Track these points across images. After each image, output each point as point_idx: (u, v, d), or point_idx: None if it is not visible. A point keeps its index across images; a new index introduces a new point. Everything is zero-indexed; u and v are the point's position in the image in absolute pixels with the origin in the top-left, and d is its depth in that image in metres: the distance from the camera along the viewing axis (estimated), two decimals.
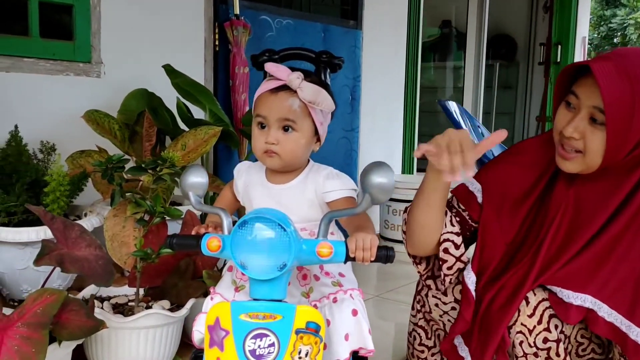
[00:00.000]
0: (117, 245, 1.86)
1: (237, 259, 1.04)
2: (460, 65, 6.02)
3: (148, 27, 2.52)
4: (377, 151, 3.86)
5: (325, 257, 1.06)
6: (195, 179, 1.18)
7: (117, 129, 2.11)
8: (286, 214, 1.08)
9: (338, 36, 3.34)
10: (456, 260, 1.33)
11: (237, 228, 1.04)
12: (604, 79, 1.05)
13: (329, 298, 1.26)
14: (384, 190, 1.04)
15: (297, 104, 1.20)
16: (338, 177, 1.27)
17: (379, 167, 1.05)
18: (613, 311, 1.11)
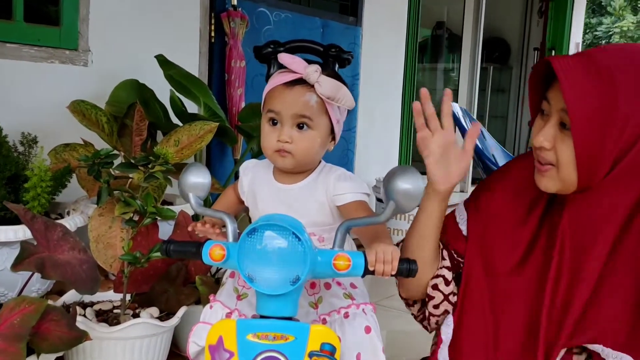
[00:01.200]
0: (102, 247, 1.73)
1: (244, 271, 0.92)
2: (450, 68, 5.97)
3: (140, 15, 2.39)
4: (373, 151, 3.76)
5: (343, 270, 0.95)
6: (196, 179, 1.06)
7: (105, 121, 1.97)
8: (300, 221, 0.96)
9: (337, 32, 3.23)
10: (444, 298, 1.14)
11: (246, 236, 0.92)
12: (566, 73, 0.89)
13: (339, 312, 1.15)
14: (410, 198, 0.94)
15: (315, 100, 1.08)
16: (351, 179, 1.16)
17: (405, 171, 0.95)
18: None
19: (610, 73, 0.87)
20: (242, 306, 1.18)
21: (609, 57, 0.90)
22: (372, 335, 1.15)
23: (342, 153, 3.35)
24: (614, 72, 0.87)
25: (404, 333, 2.52)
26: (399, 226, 3.48)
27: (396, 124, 4.04)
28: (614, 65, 0.88)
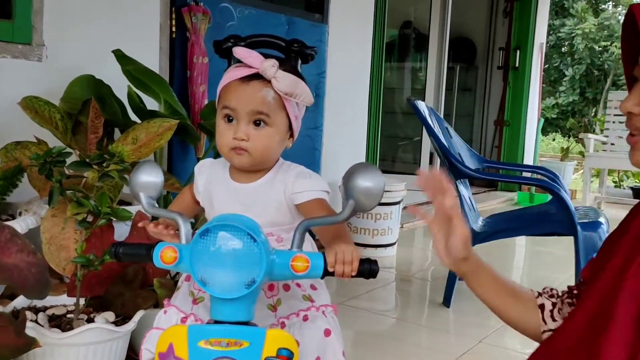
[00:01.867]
0: (55, 249, 1.66)
1: (196, 274, 0.88)
2: (418, 67, 6.00)
3: (98, 8, 2.31)
4: (340, 150, 3.73)
5: (301, 272, 0.92)
6: (147, 178, 1.02)
7: (58, 118, 1.89)
8: (256, 221, 0.93)
9: (303, 29, 3.19)
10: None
11: (198, 237, 0.88)
12: None
13: (298, 315, 1.13)
14: (371, 196, 0.91)
15: (272, 96, 1.06)
16: (310, 176, 1.14)
17: (366, 169, 0.92)
18: None
19: None
20: (198, 310, 1.14)
21: None
22: (332, 339, 1.13)
23: (308, 152, 3.32)
24: None
25: (370, 334, 2.50)
26: (366, 225, 3.47)
27: (363, 123, 4.02)
28: None
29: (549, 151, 10.06)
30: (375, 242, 3.48)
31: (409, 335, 2.46)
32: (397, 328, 2.57)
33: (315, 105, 3.34)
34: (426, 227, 4.57)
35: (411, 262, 3.65)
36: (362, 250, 3.47)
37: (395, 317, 2.73)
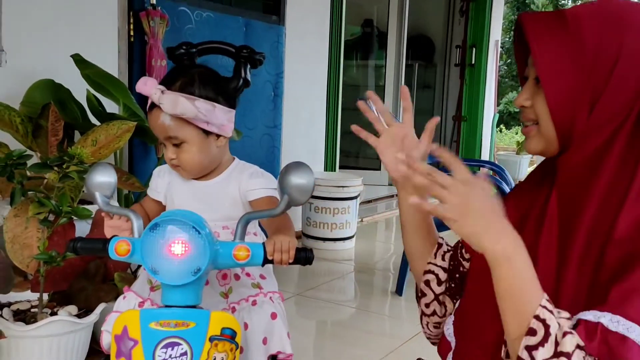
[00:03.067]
0: (18, 247, 1.73)
1: (147, 264, 0.97)
2: (381, 64, 6.13)
3: (56, 13, 2.36)
4: (299, 148, 3.84)
5: (242, 260, 1.02)
6: (102, 178, 1.10)
7: (19, 122, 1.96)
8: (201, 216, 1.03)
9: (260, 31, 3.28)
10: (434, 297, 1.10)
11: (148, 231, 0.97)
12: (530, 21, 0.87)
13: (248, 301, 1.23)
14: (303, 191, 1.01)
15: (168, 119, 1.15)
16: (262, 175, 1.25)
17: (298, 167, 1.02)
18: None
19: (575, 18, 0.85)
20: (155, 296, 1.24)
21: (577, 7, 0.88)
22: (278, 321, 1.22)
23: (268, 150, 3.42)
24: (579, 17, 0.85)
25: (328, 322, 2.63)
26: (325, 220, 3.60)
27: (322, 121, 4.13)
28: (579, 12, 0.86)
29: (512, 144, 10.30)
30: (333, 236, 3.60)
31: (363, 322, 2.59)
32: (353, 316, 2.70)
33: (273, 104, 3.44)
34: (386, 221, 4.73)
35: (370, 254, 3.79)
36: (320, 244, 3.60)
37: (353, 306, 2.86)
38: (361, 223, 4.35)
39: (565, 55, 0.83)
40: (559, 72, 0.84)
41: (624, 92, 0.82)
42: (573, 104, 0.84)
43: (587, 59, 0.83)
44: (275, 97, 3.45)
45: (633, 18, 0.83)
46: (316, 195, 3.54)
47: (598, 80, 0.83)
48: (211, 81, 1.20)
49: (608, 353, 0.74)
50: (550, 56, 0.84)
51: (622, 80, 0.82)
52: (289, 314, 1.28)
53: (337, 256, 3.53)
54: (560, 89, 0.84)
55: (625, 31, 0.82)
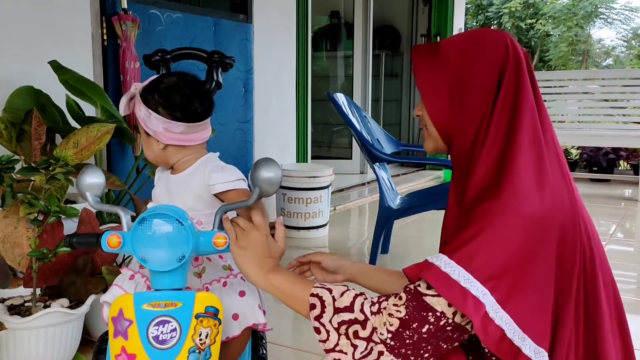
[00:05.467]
0: (9, 246, 1.84)
1: (138, 254, 1.11)
2: (350, 54, 6.25)
3: (31, 22, 2.45)
4: (271, 141, 3.97)
5: (221, 247, 1.15)
6: (92, 180, 1.23)
7: (2, 128, 2.06)
8: (183, 209, 1.15)
9: (229, 30, 3.40)
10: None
11: (137, 225, 1.11)
12: (415, 51, 1.11)
13: (219, 282, 1.35)
14: (271, 184, 1.12)
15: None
16: (223, 170, 1.33)
17: (267, 162, 1.13)
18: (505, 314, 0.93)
19: (444, 48, 1.08)
20: (144, 271, 1.36)
21: (449, 39, 1.11)
22: (247, 297, 1.34)
23: (240, 145, 3.55)
24: (448, 47, 1.08)
25: None
26: (298, 209, 3.74)
27: (292, 113, 4.26)
28: (449, 43, 1.09)
29: None
30: (307, 225, 3.76)
31: None
32: None
33: (244, 100, 3.57)
34: (359, 208, 4.89)
35: (343, 241, 3.95)
36: (295, 232, 3.75)
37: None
38: (334, 211, 4.51)
39: (436, 74, 1.07)
40: (432, 86, 1.08)
41: (480, 93, 1.04)
42: (445, 109, 1.08)
43: (451, 73, 1.06)
44: (246, 92, 3.57)
45: (484, 43, 1.06)
46: (289, 186, 3.68)
47: (460, 87, 1.05)
48: (161, 91, 1.31)
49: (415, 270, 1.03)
50: (426, 76, 1.08)
51: (477, 86, 1.04)
52: (267, 297, 1.36)
53: (312, 244, 3.69)
54: (435, 100, 1.08)
55: (478, 52, 1.06)
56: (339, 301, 1.03)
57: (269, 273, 1.11)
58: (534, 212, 0.94)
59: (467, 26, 10.43)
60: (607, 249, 3.54)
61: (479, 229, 0.94)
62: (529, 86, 1.05)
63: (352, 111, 3.12)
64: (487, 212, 0.95)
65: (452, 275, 0.93)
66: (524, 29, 16.02)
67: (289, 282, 1.10)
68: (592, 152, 6.51)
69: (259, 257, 1.12)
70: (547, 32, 15.86)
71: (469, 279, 0.93)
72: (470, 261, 0.93)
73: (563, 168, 1.05)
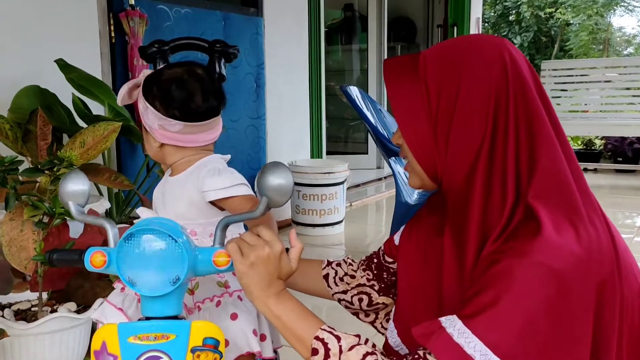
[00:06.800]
0: (15, 250, 1.79)
1: (124, 276, 0.93)
2: (365, 48, 6.17)
3: (37, 20, 2.41)
4: (285, 137, 3.91)
5: (223, 266, 0.96)
6: (75, 187, 1.06)
7: (8, 128, 2.02)
8: (177, 222, 0.99)
9: (239, 24, 3.33)
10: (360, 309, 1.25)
11: (123, 241, 0.93)
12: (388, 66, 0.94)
13: (212, 300, 1.19)
14: (281, 192, 0.95)
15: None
16: (219, 174, 1.17)
17: (275, 167, 0.95)
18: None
19: (424, 62, 0.89)
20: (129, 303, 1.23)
21: (429, 50, 0.92)
22: (240, 321, 1.17)
23: (253, 141, 3.49)
24: (427, 61, 0.89)
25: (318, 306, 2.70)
26: (313, 206, 3.67)
27: (305, 108, 4.19)
28: (428, 56, 0.90)
29: None
30: (323, 222, 3.69)
31: None
32: None
33: (256, 95, 3.51)
34: (376, 203, 4.81)
35: (360, 238, 3.88)
36: (310, 230, 3.69)
37: None
38: (350, 207, 4.44)
39: (416, 100, 0.88)
40: (412, 116, 0.89)
41: (469, 129, 0.86)
42: (428, 143, 0.89)
43: (432, 101, 0.88)
44: (257, 88, 3.51)
45: (470, 60, 0.87)
46: (304, 183, 3.61)
47: (444, 121, 0.87)
48: (161, 83, 1.18)
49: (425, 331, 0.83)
50: (403, 102, 0.89)
51: (465, 119, 0.86)
52: None
53: (328, 241, 3.62)
54: (415, 132, 0.89)
55: (461, 74, 0.86)
56: (345, 355, 0.87)
57: (271, 298, 0.94)
58: (566, 269, 0.77)
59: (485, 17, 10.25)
60: (632, 242, 3.42)
61: (498, 293, 0.78)
62: (540, 108, 0.86)
63: (366, 104, 3.04)
64: (508, 271, 0.78)
65: (467, 349, 0.78)
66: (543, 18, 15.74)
67: (293, 314, 0.94)
68: (617, 142, 6.34)
69: (267, 278, 0.94)
70: (567, 21, 15.57)
71: (487, 354, 0.77)
72: (488, 332, 0.77)
73: (594, 204, 0.87)
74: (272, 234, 0.95)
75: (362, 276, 1.22)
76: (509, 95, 0.85)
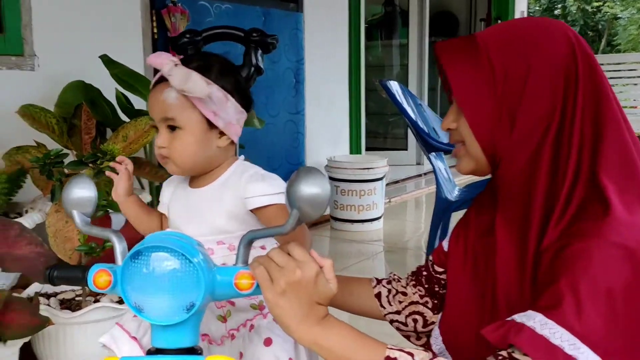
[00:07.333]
0: (60, 241, 1.85)
1: (129, 300, 0.80)
2: (405, 43, 6.10)
3: (82, 17, 2.47)
4: (323, 133, 3.90)
5: (246, 290, 0.82)
6: (80, 194, 0.92)
7: (54, 123, 2.07)
8: (193, 238, 0.85)
9: (279, 20, 3.34)
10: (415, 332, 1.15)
11: (129, 260, 0.80)
12: (442, 48, 0.90)
13: (245, 326, 1.07)
14: (315, 204, 0.79)
15: (174, 96, 0.99)
16: (263, 179, 1.05)
17: (309, 174, 0.79)
18: None
19: (484, 42, 0.88)
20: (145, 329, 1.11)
21: (487, 31, 0.91)
22: (273, 347, 1.04)
23: (292, 137, 3.49)
24: (488, 42, 0.88)
25: None
26: (352, 202, 3.65)
27: (344, 104, 4.18)
28: (488, 36, 0.89)
29: None
30: (361, 218, 3.67)
31: None
32: None
33: (295, 90, 3.51)
34: (415, 200, 4.76)
35: (399, 234, 3.84)
36: (348, 226, 3.67)
37: None
38: (389, 204, 4.40)
39: (478, 80, 0.86)
40: (474, 95, 0.87)
41: (539, 108, 0.85)
42: (492, 123, 0.87)
43: (498, 81, 0.86)
44: (296, 83, 3.51)
45: (538, 39, 0.86)
46: (342, 178, 3.60)
47: (512, 100, 0.85)
48: (231, 73, 1.06)
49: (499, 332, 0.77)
50: (464, 82, 0.87)
51: (534, 98, 0.84)
52: None
53: (366, 237, 3.60)
54: (478, 111, 0.87)
55: (531, 53, 0.85)
56: None
57: (315, 328, 0.80)
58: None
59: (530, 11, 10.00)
60: None
61: (575, 278, 0.74)
62: (607, 88, 0.84)
63: (406, 99, 3.00)
64: (582, 255, 0.75)
65: (553, 340, 0.73)
66: (590, 12, 15.29)
67: (348, 341, 0.80)
68: None
69: (304, 305, 0.80)
70: (615, 15, 15.08)
71: (575, 343, 0.72)
72: (572, 320, 0.73)
73: None
74: (305, 253, 0.81)
75: (413, 293, 1.14)
76: (578, 73, 0.84)
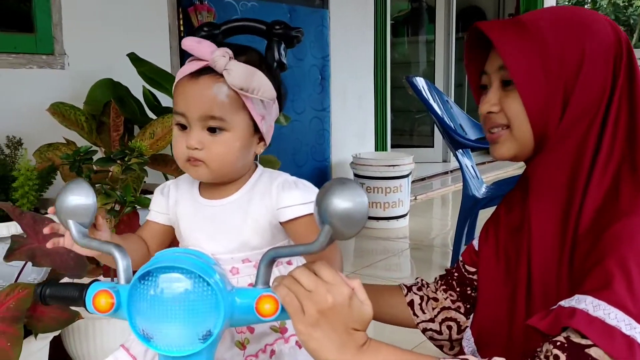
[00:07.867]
0: None
1: (136, 327, 0.71)
2: (431, 39, 6.05)
3: (111, 16, 2.50)
4: (349, 130, 3.89)
5: (268, 316, 0.72)
6: (77, 201, 0.79)
7: (83, 120, 2.10)
8: (209, 256, 0.77)
9: (304, 17, 3.34)
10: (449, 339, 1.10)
11: (137, 281, 0.71)
12: (494, 27, 0.88)
13: (265, 351, 0.96)
14: (352, 221, 0.68)
15: (225, 93, 0.87)
16: (296, 186, 0.93)
17: (343, 186, 0.69)
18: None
19: (534, 25, 0.87)
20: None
21: (532, 14, 0.91)
22: None
23: (317, 133, 3.49)
24: (539, 24, 0.87)
25: None
26: (377, 199, 3.62)
27: (370, 101, 4.16)
28: (537, 19, 0.88)
29: None
30: (386, 215, 3.65)
31: None
32: None
33: (321, 87, 3.51)
34: (442, 197, 4.72)
35: (425, 231, 3.81)
36: (374, 223, 3.65)
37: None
38: (415, 201, 4.37)
39: (534, 60, 0.86)
40: (531, 75, 0.86)
41: (591, 93, 0.86)
42: (545, 104, 0.87)
43: (553, 63, 0.86)
44: (322, 80, 3.51)
45: (590, 24, 0.88)
46: (368, 175, 3.59)
47: (567, 83, 0.86)
48: (276, 71, 0.94)
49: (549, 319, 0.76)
50: (521, 61, 0.86)
51: (588, 83, 0.86)
52: None
53: (392, 234, 3.58)
54: (533, 89, 0.87)
55: (585, 37, 0.87)
56: None
57: (358, 355, 0.72)
58: None
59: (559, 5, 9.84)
60: None
61: (621, 257, 0.73)
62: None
63: (432, 96, 2.98)
64: (625, 233, 0.75)
65: (608, 321, 0.71)
66: (621, 7, 14.95)
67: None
68: None
69: (342, 334, 0.71)
70: None
71: (631, 323, 0.71)
72: (626, 300, 0.71)
73: None
74: (335, 274, 0.72)
75: (445, 298, 1.10)
76: (623, 58, 0.87)
